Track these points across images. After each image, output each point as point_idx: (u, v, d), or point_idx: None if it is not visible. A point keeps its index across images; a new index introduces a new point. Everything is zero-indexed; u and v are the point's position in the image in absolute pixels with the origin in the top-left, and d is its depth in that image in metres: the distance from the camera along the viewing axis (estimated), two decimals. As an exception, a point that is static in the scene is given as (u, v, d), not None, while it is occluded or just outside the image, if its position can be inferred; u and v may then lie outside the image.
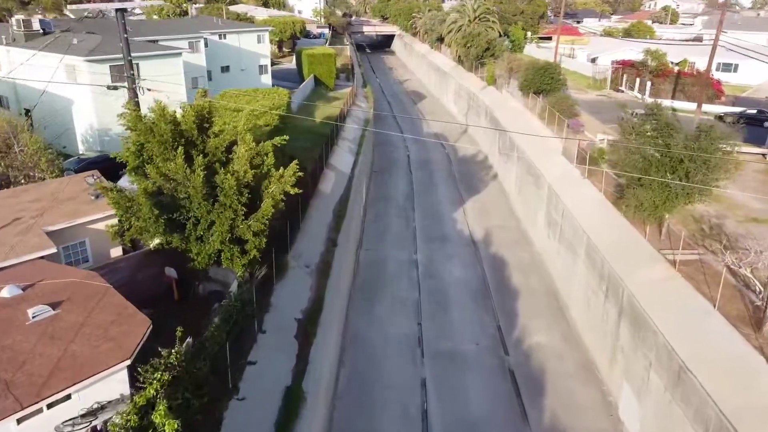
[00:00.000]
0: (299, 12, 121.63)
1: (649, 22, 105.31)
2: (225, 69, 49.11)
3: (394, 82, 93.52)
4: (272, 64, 72.44)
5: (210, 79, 46.89)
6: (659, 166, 21.73)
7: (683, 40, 75.42)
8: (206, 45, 46.19)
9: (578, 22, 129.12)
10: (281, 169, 15.51)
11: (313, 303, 20.02)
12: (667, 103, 49.55)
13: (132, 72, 19.38)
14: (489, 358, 25.29)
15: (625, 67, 54.89)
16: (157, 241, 16.63)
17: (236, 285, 15.60)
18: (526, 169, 38.47)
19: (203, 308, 17.43)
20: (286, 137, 16.24)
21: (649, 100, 50.34)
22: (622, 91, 54.66)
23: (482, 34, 65.50)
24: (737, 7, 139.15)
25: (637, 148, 22.39)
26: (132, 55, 32.06)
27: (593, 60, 67.96)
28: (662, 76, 50.20)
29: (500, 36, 69.05)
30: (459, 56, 70.74)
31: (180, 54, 33.39)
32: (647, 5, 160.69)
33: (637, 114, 40.33)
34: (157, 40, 39.45)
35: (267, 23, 77.39)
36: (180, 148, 14.88)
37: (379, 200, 43.42)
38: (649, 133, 22.08)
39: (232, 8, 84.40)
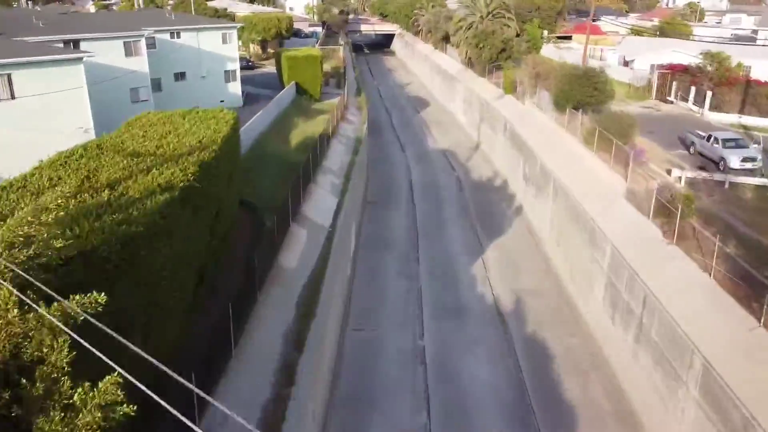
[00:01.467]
0: (290, 9, 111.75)
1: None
2: (180, 76, 39.20)
3: (393, 86, 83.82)
4: (253, 67, 62.89)
5: (159, 89, 37.09)
6: None
7: (732, 40, 65.49)
8: (153, 46, 36.40)
9: (594, 20, 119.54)
10: (78, 391, 5.77)
11: None
12: (734, 118, 39.83)
13: None
14: None
15: (675, 72, 44.99)
16: None
17: None
18: (571, 214, 28.63)
19: None
20: (103, 297, 6.39)
21: (712, 114, 40.61)
22: (672, 102, 44.81)
23: (497, 32, 55.63)
24: (764, 4, 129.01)
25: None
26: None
27: (626, 63, 58.11)
28: (727, 84, 40.31)
29: (518, 35, 59.18)
30: (469, 58, 60.91)
31: (80, 60, 23.32)
32: (664, 3, 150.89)
33: (712, 137, 30.47)
34: (77, 41, 29.67)
35: (248, 20, 67.76)
36: None
37: (374, 247, 33.57)
38: None
39: (211, 3, 74.62)
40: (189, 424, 4.55)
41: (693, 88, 42.34)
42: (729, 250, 18.17)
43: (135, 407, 5.95)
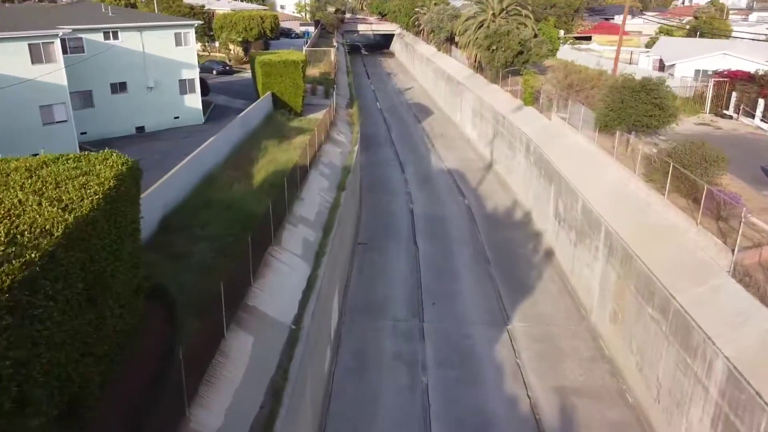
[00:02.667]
0: (281, 7, 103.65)
1: (687, 19, 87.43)
2: (119, 87, 30.90)
3: (393, 92, 75.91)
4: (232, 72, 54.92)
5: (91, 104, 28.94)
6: None
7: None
8: (81, 49, 28.29)
9: (607, 19, 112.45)
10: None
11: None
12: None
13: None
14: None
15: (735, 80, 36.91)
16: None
17: None
18: (638, 286, 20.46)
19: None
20: None
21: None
22: (731, 117, 36.73)
23: (512, 32, 47.47)
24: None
25: None
26: None
27: (662, 68, 50.08)
28: (806, 97, 32.35)
29: (535, 36, 51.01)
30: (478, 62, 52.85)
31: None
32: (679, 1, 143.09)
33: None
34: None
35: (227, 18, 59.74)
36: None
37: (364, 315, 25.46)
38: None
39: (187, 0, 66.53)
40: None
41: (762, 101, 34.30)
42: None
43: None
